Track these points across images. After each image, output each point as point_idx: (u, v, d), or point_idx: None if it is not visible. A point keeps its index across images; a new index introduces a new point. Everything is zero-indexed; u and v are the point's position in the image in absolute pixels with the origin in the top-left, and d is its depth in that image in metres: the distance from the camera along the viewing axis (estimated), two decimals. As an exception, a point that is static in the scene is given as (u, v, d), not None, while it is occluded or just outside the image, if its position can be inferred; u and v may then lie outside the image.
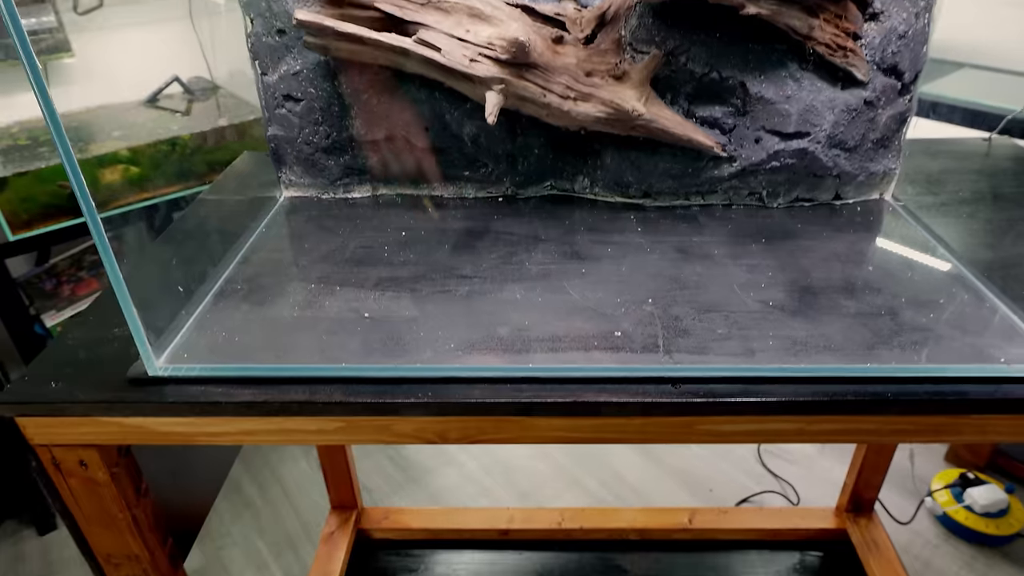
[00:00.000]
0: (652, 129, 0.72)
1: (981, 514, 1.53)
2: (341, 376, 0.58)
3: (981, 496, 1.53)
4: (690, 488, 1.71)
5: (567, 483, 1.72)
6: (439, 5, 0.68)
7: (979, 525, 1.52)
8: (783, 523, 1.44)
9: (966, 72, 1.64)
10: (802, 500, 1.66)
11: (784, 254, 0.72)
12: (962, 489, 1.58)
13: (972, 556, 1.51)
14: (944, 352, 0.57)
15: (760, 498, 1.68)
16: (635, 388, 0.56)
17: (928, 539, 1.55)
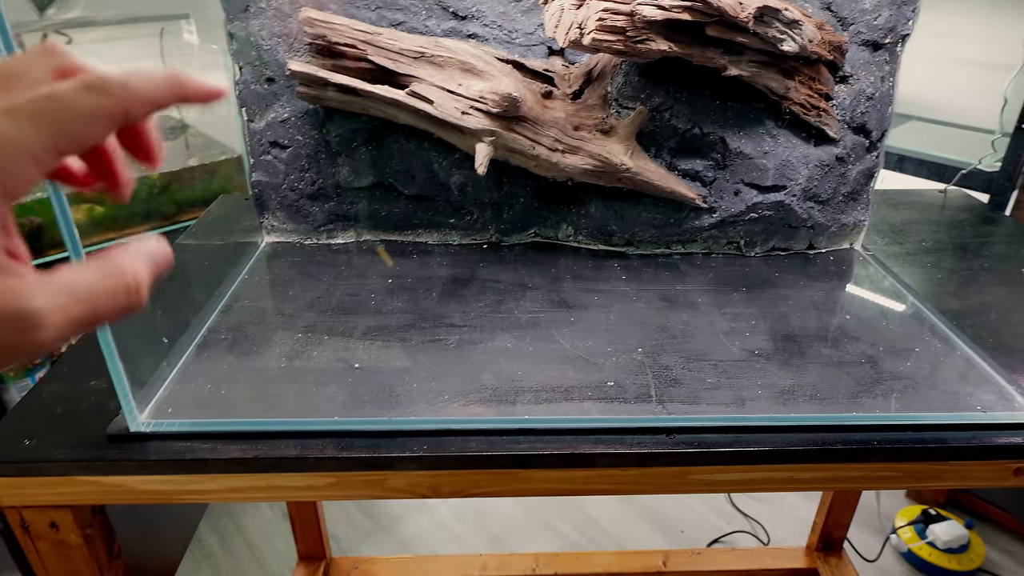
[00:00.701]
0: (637, 181, 0.74)
1: (943, 550, 1.56)
2: (334, 430, 0.57)
3: (943, 532, 1.57)
4: (662, 530, 1.71)
5: (539, 527, 1.70)
6: (432, 59, 0.70)
7: (942, 561, 1.55)
8: (756, 563, 1.45)
9: (914, 124, 1.74)
10: (772, 539, 1.67)
11: (765, 302, 0.74)
12: (924, 525, 1.61)
13: (937, 593, 1.54)
14: (923, 400, 0.60)
15: (731, 538, 1.69)
16: (630, 439, 0.57)
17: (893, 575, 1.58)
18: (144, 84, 0.24)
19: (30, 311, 0.22)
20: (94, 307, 0.23)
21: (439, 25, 0.75)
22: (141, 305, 0.25)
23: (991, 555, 1.58)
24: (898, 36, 0.75)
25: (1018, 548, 1.60)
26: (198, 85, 0.27)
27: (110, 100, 0.23)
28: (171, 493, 0.57)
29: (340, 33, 0.69)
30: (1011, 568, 1.55)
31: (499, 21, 0.75)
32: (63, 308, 0.23)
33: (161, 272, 0.26)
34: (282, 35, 0.75)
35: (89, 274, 0.24)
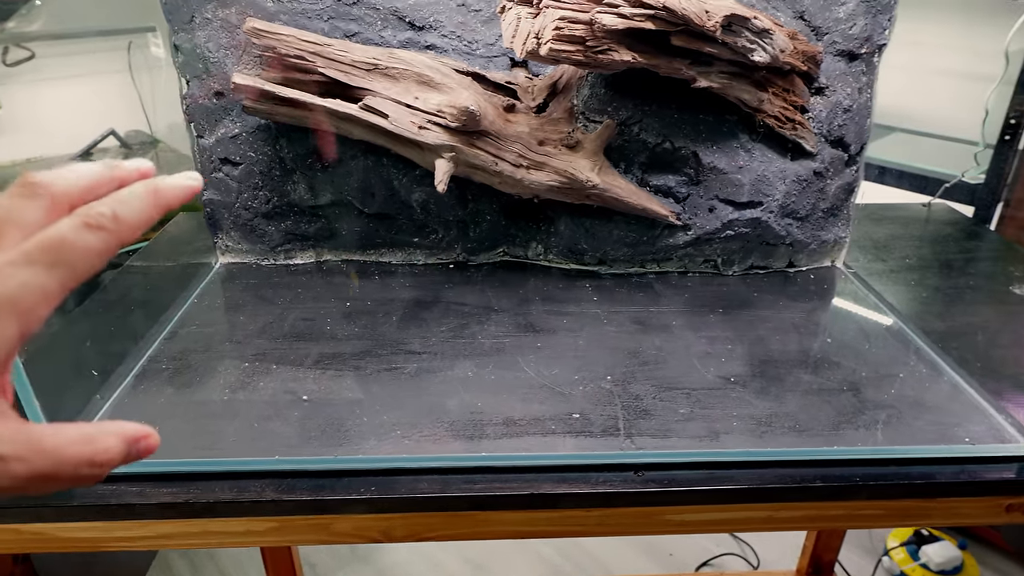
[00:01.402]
0: (606, 198, 0.71)
1: (937, 572, 1.52)
2: (273, 470, 0.52)
3: (936, 554, 1.53)
4: (649, 552, 1.66)
5: (523, 553, 1.65)
6: (386, 71, 0.66)
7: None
8: (744, 589, 1.41)
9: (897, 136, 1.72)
10: (762, 562, 1.63)
11: (742, 324, 0.70)
12: (917, 547, 1.57)
13: (930, 616, 1.50)
14: (908, 431, 0.56)
15: (720, 561, 1.64)
16: (595, 477, 0.52)
17: (887, 599, 1.54)
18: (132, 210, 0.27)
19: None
20: (56, 468, 0.24)
21: (395, 36, 0.71)
22: (99, 480, 0.26)
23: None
24: (875, 46, 0.73)
25: (1012, 569, 1.56)
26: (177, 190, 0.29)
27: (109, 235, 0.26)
28: (96, 541, 0.52)
29: (288, 44, 0.65)
30: (1005, 589, 1.51)
31: (458, 31, 0.71)
32: (26, 459, 0.23)
33: (139, 456, 0.27)
34: (230, 47, 0.71)
35: (62, 436, 0.25)
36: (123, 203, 0.27)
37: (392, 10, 0.70)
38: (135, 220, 0.27)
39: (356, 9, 0.70)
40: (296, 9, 0.70)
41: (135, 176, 0.29)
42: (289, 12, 0.70)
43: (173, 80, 0.74)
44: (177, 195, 0.29)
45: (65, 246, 0.24)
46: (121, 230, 0.26)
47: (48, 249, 0.24)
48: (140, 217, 0.27)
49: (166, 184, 0.29)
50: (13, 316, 0.23)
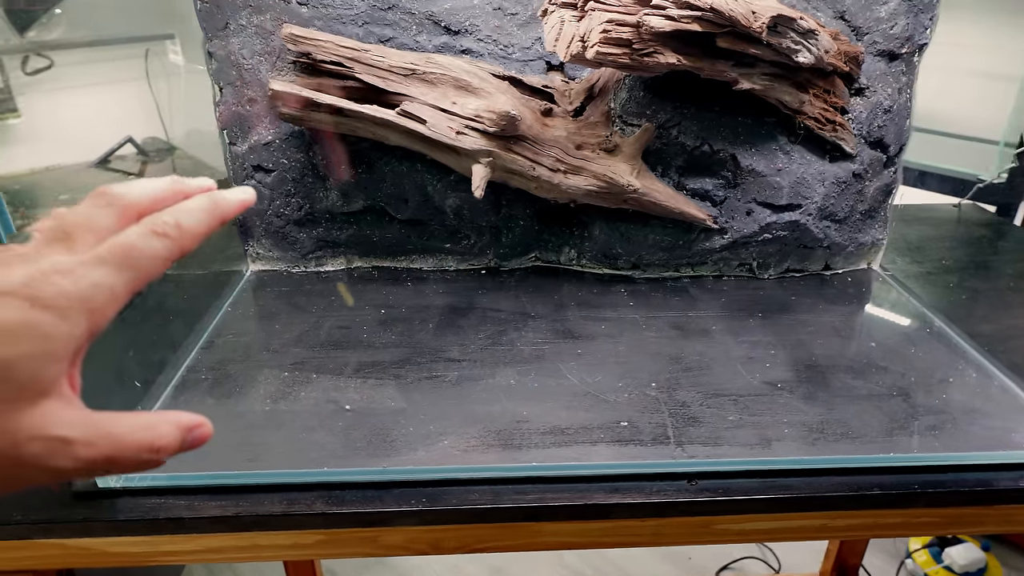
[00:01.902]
0: (644, 202, 0.70)
1: (960, 574, 1.51)
2: (323, 482, 0.51)
3: (959, 556, 1.51)
4: (669, 556, 1.65)
5: (544, 556, 1.64)
6: (424, 76, 0.65)
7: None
8: (768, 593, 1.39)
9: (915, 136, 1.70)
10: (783, 566, 1.61)
11: (783, 329, 0.70)
12: (940, 549, 1.56)
13: (956, 619, 1.49)
14: (963, 437, 0.55)
15: (740, 565, 1.63)
16: (648, 486, 0.52)
17: (911, 603, 1.52)
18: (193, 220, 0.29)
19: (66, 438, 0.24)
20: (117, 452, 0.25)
21: (431, 41, 0.70)
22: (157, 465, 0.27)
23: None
24: (915, 46, 0.72)
25: (1037, 570, 1.55)
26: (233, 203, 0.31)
27: (172, 242, 0.27)
28: (144, 555, 0.52)
29: (325, 50, 0.65)
30: (1031, 591, 1.50)
31: (494, 35, 0.71)
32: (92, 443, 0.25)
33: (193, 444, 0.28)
34: (264, 54, 0.71)
35: (125, 423, 0.26)
36: (186, 213, 0.29)
37: (427, 14, 0.70)
38: (196, 229, 0.29)
39: (391, 14, 0.69)
40: (331, 15, 0.69)
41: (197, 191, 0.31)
42: (324, 18, 0.69)
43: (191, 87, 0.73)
44: (233, 207, 0.31)
45: (133, 250, 0.26)
46: (183, 238, 0.28)
47: (118, 252, 0.26)
48: (200, 227, 0.29)
49: (224, 197, 0.31)
50: (84, 314, 0.25)
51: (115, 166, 1.57)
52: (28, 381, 0.24)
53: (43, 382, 0.24)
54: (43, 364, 0.24)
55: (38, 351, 0.24)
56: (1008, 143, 1.46)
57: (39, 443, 0.24)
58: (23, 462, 0.24)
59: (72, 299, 0.24)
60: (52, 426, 0.24)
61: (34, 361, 0.24)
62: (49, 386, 0.24)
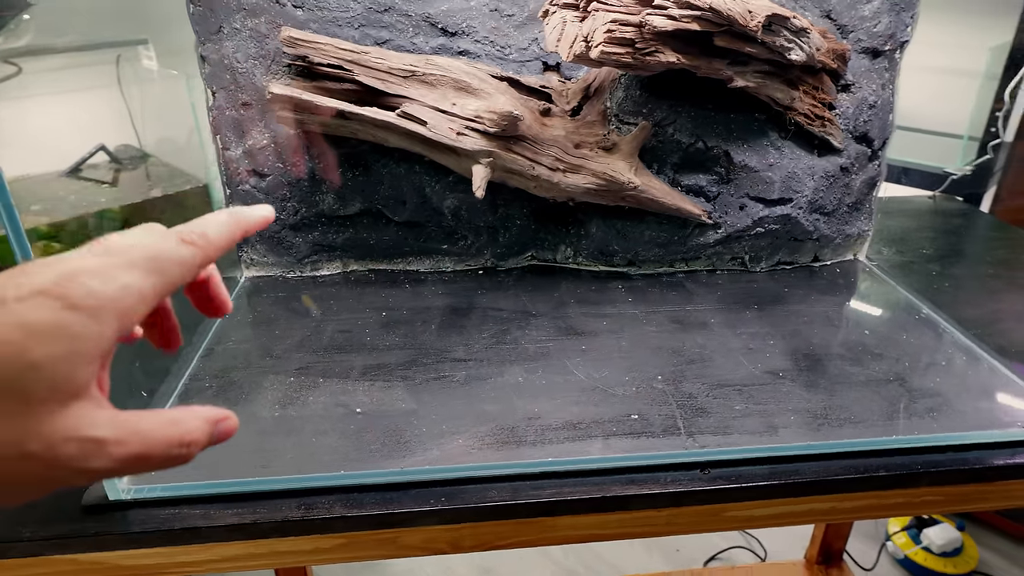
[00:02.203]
0: (642, 199, 0.71)
1: (939, 554, 1.55)
2: (341, 485, 0.51)
3: (937, 536, 1.56)
4: (657, 549, 1.67)
5: (533, 556, 1.65)
6: (423, 78, 0.65)
7: (938, 566, 1.54)
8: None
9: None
10: (769, 553, 1.65)
11: (779, 320, 0.71)
12: (918, 530, 1.61)
13: (935, 598, 1.53)
14: (960, 418, 0.57)
15: (728, 554, 1.66)
16: (663, 476, 0.53)
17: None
18: (218, 231, 0.30)
19: (99, 438, 0.24)
20: (148, 449, 0.26)
21: (427, 42, 0.71)
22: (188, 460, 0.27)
23: (984, 556, 1.58)
24: (898, 43, 0.74)
25: (1009, 548, 1.60)
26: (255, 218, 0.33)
27: (198, 250, 0.29)
28: (159, 567, 0.51)
29: (324, 53, 0.65)
30: (1004, 568, 1.55)
31: (491, 37, 0.71)
32: (123, 442, 0.25)
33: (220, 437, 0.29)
34: (259, 57, 0.70)
35: (154, 420, 0.26)
36: (211, 224, 0.30)
37: (424, 16, 0.70)
38: (220, 240, 0.30)
39: (388, 16, 0.70)
40: (326, 17, 0.69)
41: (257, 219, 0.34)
42: (319, 20, 0.69)
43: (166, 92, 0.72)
44: (255, 222, 0.33)
45: (162, 255, 0.27)
46: (209, 247, 0.29)
47: (148, 257, 0.27)
48: (224, 238, 0.30)
49: (246, 212, 0.32)
50: (114, 315, 0.25)
51: (88, 175, 1.53)
52: (61, 382, 0.24)
53: (75, 383, 0.24)
54: (75, 365, 0.24)
55: (69, 351, 0.24)
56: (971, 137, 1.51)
57: (73, 444, 0.24)
58: (57, 464, 0.24)
59: (102, 300, 0.25)
60: (85, 427, 0.24)
61: (65, 362, 0.24)
62: (81, 388, 0.24)
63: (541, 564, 1.62)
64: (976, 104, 1.51)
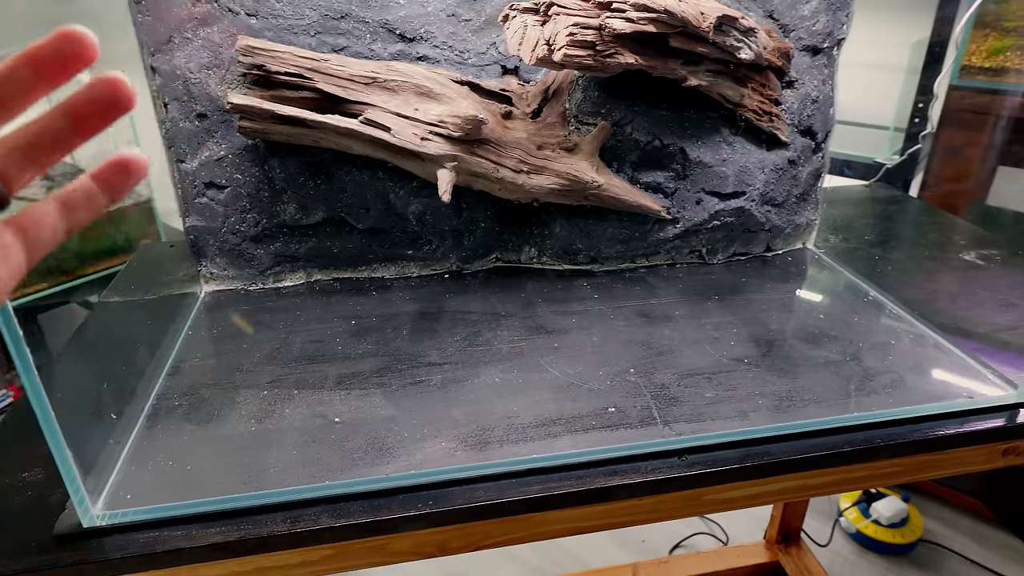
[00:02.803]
0: (604, 197, 0.73)
1: (887, 526, 1.63)
2: (327, 495, 0.51)
3: (885, 509, 1.64)
4: (622, 541, 1.70)
5: (501, 556, 1.66)
6: (385, 84, 0.65)
7: (887, 536, 1.62)
8: (721, 564, 1.47)
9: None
10: (731, 537, 1.70)
11: (739, 308, 0.74)
12: (867, 504, 1.69)
13: (886, 568, 1.61)
14: (913, 392, 0.61)
15: (691, 541, 1.70)
16: (643, 466, 0.54)
17: (847, 557, 1.64)
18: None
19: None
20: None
21: (386, 49, 0.71)
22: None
23: (928, 525, 1.67)
24: (835, 40, 0.78)
25: (951, 515, 1.70)
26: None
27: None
28: (139, 593, 0.49)
29: (283, 61, 0.64)
30: (947, 535, 1.64)
31: (449, 42, 0.72)
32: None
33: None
34: (213, 67, 0.69)
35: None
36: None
37: (382, 23, 0.70)
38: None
39: (344, 23, 0.69)
40: (281, 25, 0.68)
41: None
42: (274, 28, 0.68)
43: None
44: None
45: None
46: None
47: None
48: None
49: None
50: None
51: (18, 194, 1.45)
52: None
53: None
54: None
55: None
56: (897, 128, 1.60)
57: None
58: None
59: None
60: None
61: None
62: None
63: (510, 566, 1.63)
64: (900, 97, 1.60)
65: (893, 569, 1.60)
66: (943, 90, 1.26)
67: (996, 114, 1.56)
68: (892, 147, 1.55)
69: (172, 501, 0.50)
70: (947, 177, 1.59)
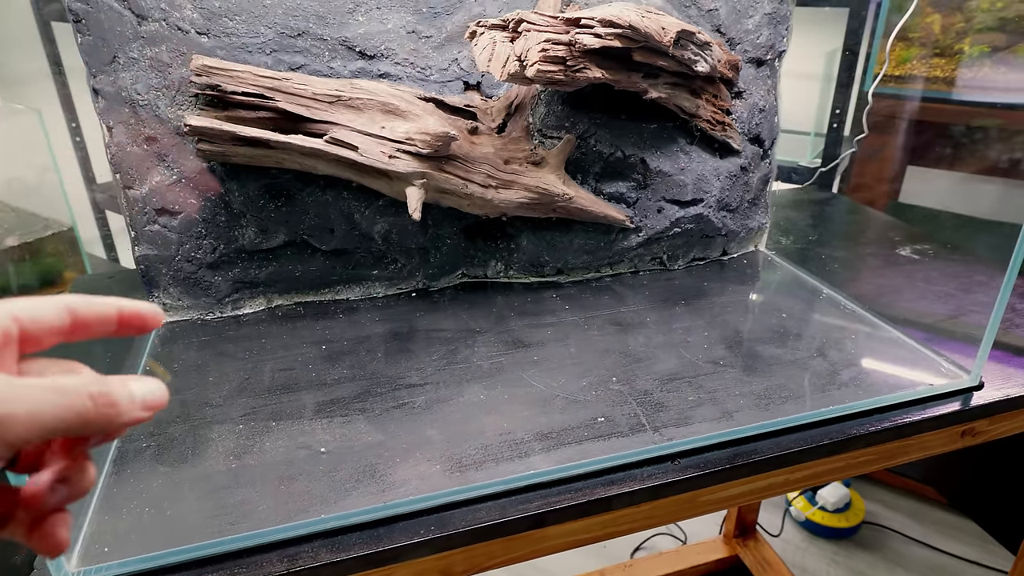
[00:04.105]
0: (571, 209, 0.74)
1: (833, 511, 1.71)
2: (322, 530, 0.49)
3: (829, 495, 1.72)
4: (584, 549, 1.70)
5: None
6: (349, 103, 0.64)
7: (833, 521, 1.70)
8: (684, 563, 1.49)
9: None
10: (688, 535, 1.74)
11: (706, 312, 0.76)
12: (813, 492, 1.76)
13: (834, 551, 1.68)
14: (878, 382, 0.64)
15: (652, 542, 1.73)
16: (639, 473, 0.55)
17: (798, 544, 1.70)
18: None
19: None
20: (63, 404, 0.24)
21: (346, 66, 0.69)
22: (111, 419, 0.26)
23: (870, 508, 1.75)
24: (776, 52, 0.82)
25: (890, 497, 1.80)
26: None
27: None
28: (124, 654, 0.46)
29: (241, 81, 0.61)
30: (887, 516, 1.74)
31: (410, 58, 0.71)
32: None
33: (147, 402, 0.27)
34: (162, 88, 0.65)
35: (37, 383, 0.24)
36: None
37: (341, 40, 0.68)
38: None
39: (301, 40, 0.67)
40: (235, 43, 0.66)
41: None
42: (227, 47, 0.66)
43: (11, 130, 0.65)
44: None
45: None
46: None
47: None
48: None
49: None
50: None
51: None
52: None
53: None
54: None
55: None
56: (818, 133, 1.69)
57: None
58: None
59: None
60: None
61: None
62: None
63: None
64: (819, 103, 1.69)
65: (840, 552, 1.67)
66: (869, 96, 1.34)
67: (907, 118, 1.67)
68: (814, 151, 1.64)
69: (155, 550, 0.47)
70: (867, 177, 1.70)
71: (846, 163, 1.56)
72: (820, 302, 0.79)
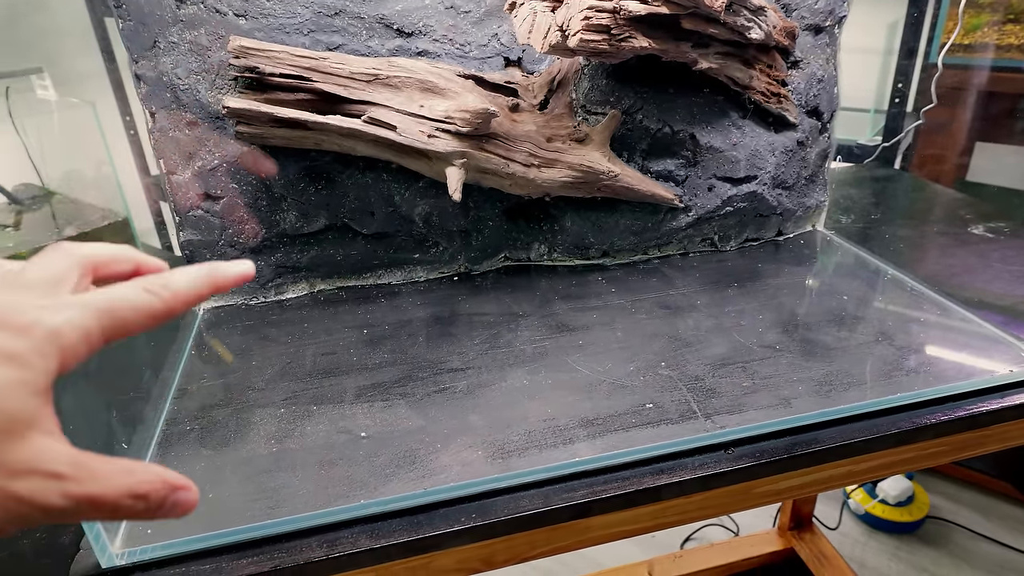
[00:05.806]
0: (617, 188, 0.71)
1: (894, 505, 1.64)
2: (363, 515, 0.48)
3: (891, 488, 1.65)
4: (633, 538, 1.68)
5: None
6: (387, 81, 0.63)
7: (895, 515, 1.63)
8: (736, 555, 1.45)
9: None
10: (740, 526, 1.69)
11: (760, 295, 0.73)
12: (873, 484, 1.69)
13: (896, 546, 1.61)
14: (951, 369, 0.59)
15: (702, 533, 1.69)
16: (689, 462, 0.52)
17: (856, 539, 1.64)
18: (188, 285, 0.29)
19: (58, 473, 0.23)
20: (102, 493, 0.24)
21: (383, 45, 0.68)
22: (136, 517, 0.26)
23: (935, 501, 1.67)
24: (836, 18, 0.77)
25: (956, 491, 1.71)
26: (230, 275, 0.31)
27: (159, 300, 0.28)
28: (167, 636, 0.46)
29: (280, 62, 0.61)
30: (953, 510, 1.65)
31: (449, 35, 0.69)
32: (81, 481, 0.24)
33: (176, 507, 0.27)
34: (202, 72, 0.65)
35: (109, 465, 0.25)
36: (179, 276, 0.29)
37: (378, 18, 0.67)
38: (186, 293, 0.29)
39: (339, 20, 0.66)
40: (272, 25, 0.65)
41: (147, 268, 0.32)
42: (265, 28, 0.65)
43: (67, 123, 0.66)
44: (230, 278, 0.31)
45: (116, 298, 0.26)
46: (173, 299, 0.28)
47: (103, 297, 0.26)
48: (191, 291, 0.29)
49: (221, 268, 0.31)
50: (56, 348, 0.24)
51: None
52: (16, 411, 0.23)
53: (29, 413, 0.23)
54: (25, 393, 0.23)
55: (18, 380, 0.23)
56: (878, 110, 1.60)
57: (33, 478, 0.23)
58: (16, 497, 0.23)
59: (47, 330, 0.24)
60: (45, 461, 0.23)
61: (16, 389, 0.23)
62: (36, 419, 0.23)
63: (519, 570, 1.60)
64: (879, 78, 1.60)
65: (903, 547, 1.60)
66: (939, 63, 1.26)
67: (975, 90, 1.57)
68: (874, 128, 1.56)
69: (196, 533, 0.46)
70: (933, 154, 1.60)
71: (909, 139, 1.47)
72: (884, 283, 0.74)
